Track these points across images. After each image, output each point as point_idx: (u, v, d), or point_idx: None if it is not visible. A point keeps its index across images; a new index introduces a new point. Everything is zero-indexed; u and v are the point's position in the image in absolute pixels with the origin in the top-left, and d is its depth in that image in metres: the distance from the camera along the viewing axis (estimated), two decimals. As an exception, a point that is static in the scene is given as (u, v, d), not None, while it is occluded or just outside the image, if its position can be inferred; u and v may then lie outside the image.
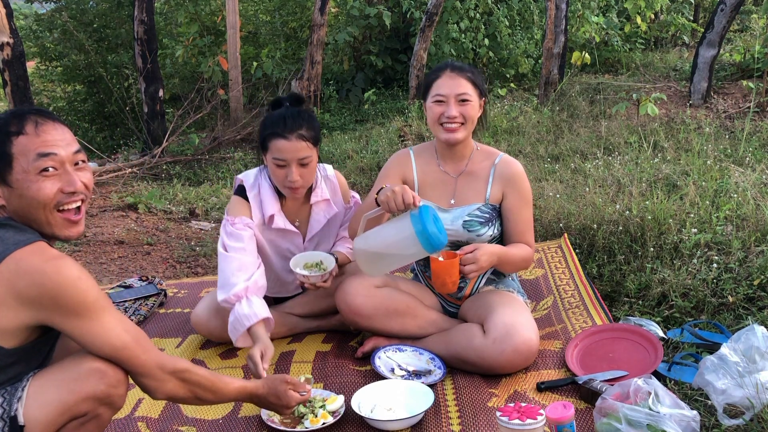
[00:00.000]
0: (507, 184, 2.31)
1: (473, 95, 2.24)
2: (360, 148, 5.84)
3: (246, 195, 2.39)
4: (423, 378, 2.13)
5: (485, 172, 2.33)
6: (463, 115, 2.23)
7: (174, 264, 3.75)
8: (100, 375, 1.47)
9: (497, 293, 2.31)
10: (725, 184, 3.40)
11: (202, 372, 1.64)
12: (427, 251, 1.93)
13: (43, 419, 1.43)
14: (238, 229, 2.32)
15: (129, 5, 8.95)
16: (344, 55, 8.90)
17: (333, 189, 2.52)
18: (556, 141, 5.20)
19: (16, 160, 1.47)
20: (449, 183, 2.36)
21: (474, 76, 2.27)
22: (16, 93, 5.88)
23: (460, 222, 2.27)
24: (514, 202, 2.30)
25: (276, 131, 2.24)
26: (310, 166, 2.29)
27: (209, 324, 2.42)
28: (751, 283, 2.45)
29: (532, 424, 1.62)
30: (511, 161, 2.35)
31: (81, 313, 1.42)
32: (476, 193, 2.32)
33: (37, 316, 1.41)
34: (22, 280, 1.37)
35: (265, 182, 2.41)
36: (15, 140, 1.46)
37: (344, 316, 2.32)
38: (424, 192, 2.37)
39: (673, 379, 2.03)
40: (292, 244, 2.47)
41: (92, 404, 1.48)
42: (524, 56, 8.66)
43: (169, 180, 6.01)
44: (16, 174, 1.47)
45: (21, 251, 1.39)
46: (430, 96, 2.28)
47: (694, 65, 5.96)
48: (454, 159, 2.36)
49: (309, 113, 2.33)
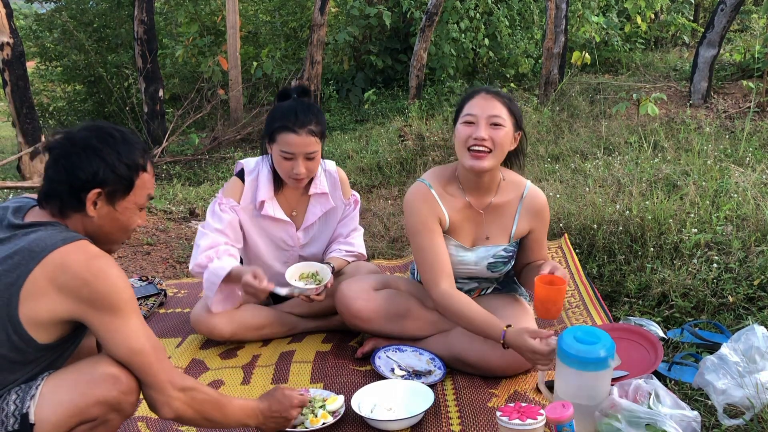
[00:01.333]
0: (534, 218, 2.23)
1: (507, 121, 2.06)
2: (360, 148, 5.84)
3: (244, 178, 2.43)
4: (423, 378, 2.13)
5: (513, 206, 2.20)
6: (493, 140, 2.03)
7: (174, 264, 3.75)
8: (114, 380, 1.49)
9: (500, 296, 2.31)
10: (725, 184, 3.40)
11: (208, 391, 1.64)
12: (607, 368, 1.75)
13: (54, 419, 1.44)
14: (222, 210, 2.38)
15: (129, 5, 8.96)
16: (344, 55, 8.90)
17: (333, 183, 2.54)
18: (556, 141, 5.20)
19: (134, 192, 1.60)
20: (476, 218, 2.19)
21: (511, 103, 2.10)
22: (16, 93, 5.88)
23: (485, 263, 2.21)
24: (540, 233, 2.26)
25: (286, 125, 2.26)
26: (315, 159, 2.34)
27: (209, 322, 2.41)
28: (751, 283, 2.45)
29: (532, 424, 1.62)
30: (538, 193, 2.23)
31: (113, 309, 1.46)
32: (502, 230, 2.21)
33: (72, 308, 1.45)
34: (66, 274, 1.42)
35: (264, 168, 2.44)
36: (141, 175, 1.60)
37: (344, 319, 2.32)
38: (453, 230, 2.18)
39: (673, 379, 2.04)
40: (285, 234, 2.48)
41: (103, 409, 1.49)
42: (524, 56, 8.66)
43: (169, 180, 6.01)
44: (127, 203, 1.59)
45: (67, 247, 1.45)
46: (461, 117, 2.10)
47: (694, 65, 5.96)
48: (480, 190, 2.17)
49: (317, 107, 2.35)
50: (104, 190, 1.54)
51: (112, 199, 1.57)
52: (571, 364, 1.74)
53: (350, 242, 2.57)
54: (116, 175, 1.55)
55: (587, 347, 1.73)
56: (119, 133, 1.60)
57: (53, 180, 1.54)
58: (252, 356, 2.40)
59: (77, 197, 1.53)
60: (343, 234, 2.59)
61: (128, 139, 1.60)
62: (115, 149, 1.56)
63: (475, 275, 2.25)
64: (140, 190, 1.61)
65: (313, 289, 2.25)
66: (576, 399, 1.75)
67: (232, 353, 2.44)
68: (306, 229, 2.51)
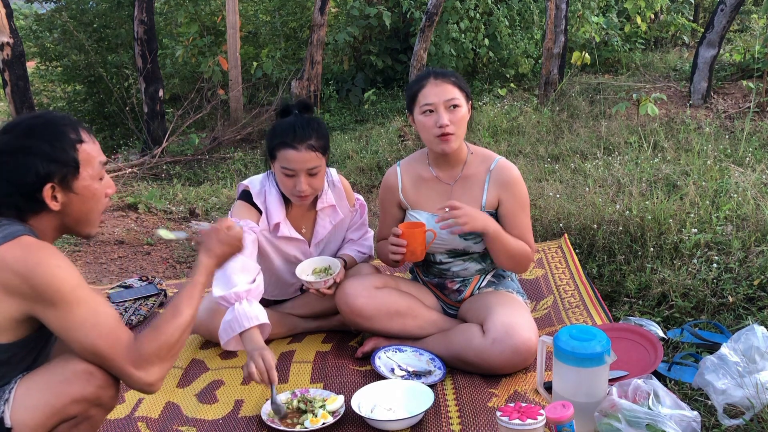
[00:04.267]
0: (503, 189, 2.26)
1: (461, 99, 2.20)
2: (360, 148, 5.84)
3: (251, 201, 2.37)
4: (423, 378, 2.13)
5: (481, 177, 2.29)
6: (455, 123, 2.17)
7: (174, 264, 3.75)
8: (87, 376, 1.46)
9: (497, 294, 2.31)
10: (725, 184, 3.40)
11: (157, 329, 1.51)
12: (603, 363, 1.77)
13: (31, 422, 1.41)
14: (243, 232, 2.30)
15: (129, 5, 8.96)
16: (344, 55, 8.90)
17: (339, 195, 2.50)
18: (556, 141, 5.20)
19: (83, 168, 1.52)
20: (444, 190, 2.32)
21: (458, 80, 2.23)
22: (16, 93, 5.88)
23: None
24: (511, 207, 2.27)
25: (285, 141, 2.21)
26: (318, 176, 2.28)
27: (209, 324, 2.41)
28: (751, 283, 2.46)
29: (532, 424, 1.62)
30: (507, 165, 2.31)
31: (56, 302, 1.40)
32: (472, 200, 2.28)
33: (21, 307, 1.41)
34: (5, 272, 1.39)
35: (272, 189, 2.38)
36: (81, 148, 1.52)
37: (345, 317, 2.32)
38: (417, 203, 2.35)
39: (673, 379, 2.04)
40: (298, 251, 2.46)
41: (82, 406, 1.47)
42: (524, 56, 8.66)
43: (169, 180, 6.01)
44: (83, 181, 1.53)
45: (6, 245, 1.41)
46: (418, 107, 2.21)
47: (694, 65, 5.96)
48: (449, 165, 2.32)
49: (318, 121, 2.30)
50: (54, 182, 1.48)
51: (68, 185, 1.51)
52: (568, 361, 1.77)
53: (362, 243, 2.58)
54: (58, 163, 1.48)
55: (583, 344, 1.76)
56: (38, 119, 1.52)
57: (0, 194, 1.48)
58: (252, 356, 2.40)
59: (32, 200, 1.48)
60: (355, 239, 2.59)
61: (51, 121, 1.51)
62: (43, 138, 1.48)
63: (451, 246, 2.28)
64: (88, 162, 1.53)
65: (321, 282, 2.26)
66: (574, 397, 1.77)
67: (232, 353, 2.44)
68: (317, 244, 2.50)
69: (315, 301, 2.53)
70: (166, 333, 1.51)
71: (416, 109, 2.23)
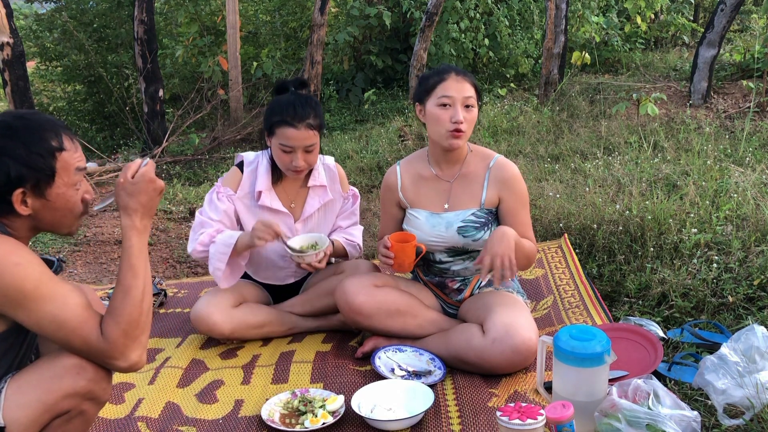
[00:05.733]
0: (503, 187, 2.28)
1: (475, 101, 2.25)
2: (360, 148, 5.84)
3: (243, 169, 2.49)
4: (423, 378, 2.13)
5: (480, 175, 2.31)
6: (468, 121, 2.22)
7: (174, 264, 3.75)
8: (78, 370, 1.45)
9: (496, 293, 2.31)
10: (725, 184, 3.40)
11: (113, 314, 1.46)
12: (603, 363, 1.76)
13: (24, 420, 1.41)
14: (219, 199, 2.45)
15: (129, 5, 8.96)
16: (344, 55, 8.90)
17: (332, 177, 2.59)
18: (556, 141, 5.20)
19: (59, 176, 1.48)
20: (443, 187, 2.35)
21: (476, 83, 2.28)
22: (16, 93, 5.88)
23: (455, 228, 2.26)
24: (512, 204, 2.28)
25: (285, 119, 2.31)
26: (314, 152, 2.40)
27: (209, 320, 2.40)
28: (751, 283, 2.46)
29: (532, 424, 1.62)
30: (506, 163, 2.32)
31: (21, 301, 1.37)
32: (471, 197, 2.30)
33: None
34: None
35: (264, 160, 2.50)
36: (60, 156, 1.48)
37: (345, 315, 2.32)
38: (416, 201, 2.37)
39: (673, 379, 2.03)
40: (284, 226, 2.50)
41: (75, 401, 1.46)
42: (524, 56, 8.66)
43: (169, 180, 6.01)
44: (57, 189, 1.49)
45: None
46: (434, 98, 2.22)
47: (694, 65, 5.96)
48: (449, 163, 2.34)
49: (315, 100, 2.40)
50: (26, 187, 1.44)
51: (40, 192, 1.46)
52: (568, 361, 1.77)
53: (350, 233, 2.62)
54: (31, 169, 1.43)
55: (583, 343, 1.76)
56: (20, 120, 1.46)
57: None
58: (252, 356, 2.40)
59: (2, 200, 1.44)
60: (343, 226, 2.63)
61: (33, 124, 1.45)
62: (21, 141, 1.42)
63: (451, 244, 2.29)
64: (65, 171, 1.48)
65: (312, 255, 2.32)
66: (574, 397, 1.77)
67: (232, 353, 2.44)
68: (304, 221, 2.54)
69: (315, 300, 2.53)
70: (124, 314, 1.45)
71: (431, 101, 2.23)
